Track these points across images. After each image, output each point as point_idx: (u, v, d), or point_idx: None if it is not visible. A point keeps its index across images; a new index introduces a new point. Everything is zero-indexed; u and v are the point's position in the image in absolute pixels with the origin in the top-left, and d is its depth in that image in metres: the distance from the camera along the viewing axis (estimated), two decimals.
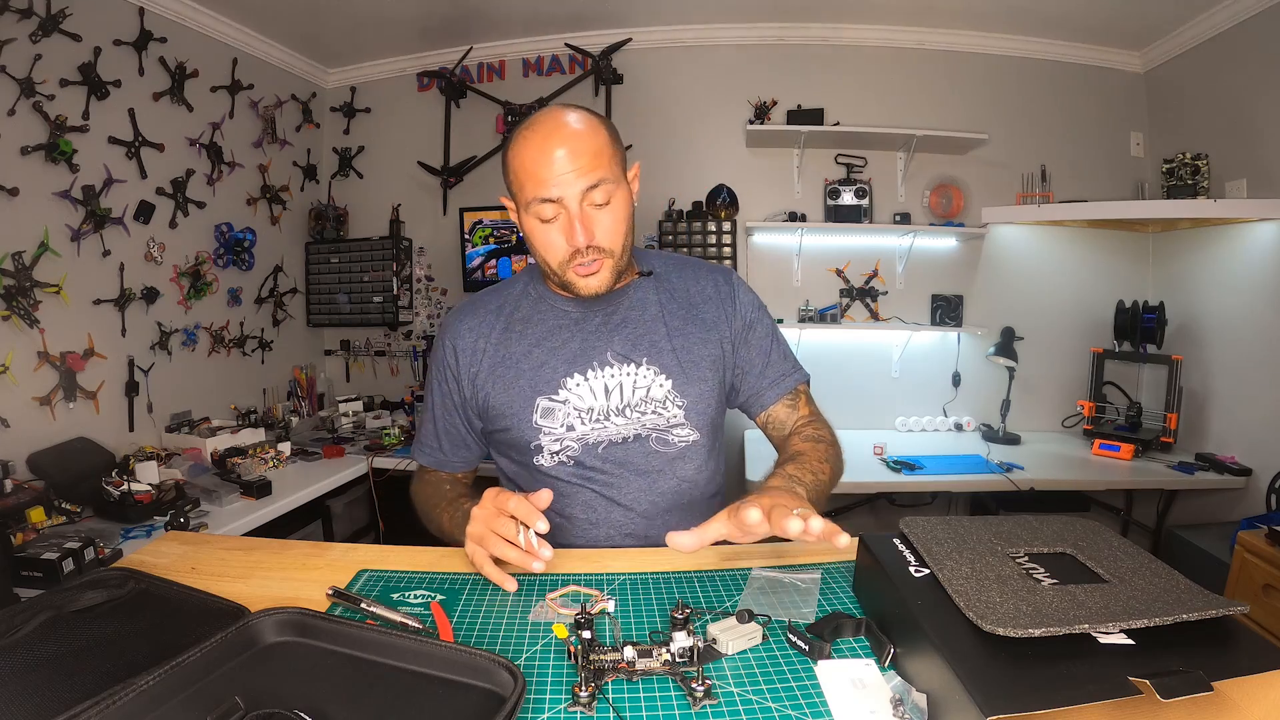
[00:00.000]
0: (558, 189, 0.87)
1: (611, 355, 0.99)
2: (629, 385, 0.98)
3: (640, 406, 0.98)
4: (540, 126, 0.90)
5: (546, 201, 0.88)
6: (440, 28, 2.82)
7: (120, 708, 0.51)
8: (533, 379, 0.98)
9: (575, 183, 0.87)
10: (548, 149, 0.87)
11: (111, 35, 2.15)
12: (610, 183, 0.90)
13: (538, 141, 0.89)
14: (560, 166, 0.87)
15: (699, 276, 1.07)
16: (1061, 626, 0.52)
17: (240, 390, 2.75)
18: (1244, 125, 2.35)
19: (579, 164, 0.87)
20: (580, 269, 0.92)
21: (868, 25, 2.80)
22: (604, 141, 0.91)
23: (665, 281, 1.05)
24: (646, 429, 0.98)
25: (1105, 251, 2.85)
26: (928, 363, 2.92)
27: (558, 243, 0.91)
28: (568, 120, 0.90)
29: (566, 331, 1.00)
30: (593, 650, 0.62)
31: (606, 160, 0.90)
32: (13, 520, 1.60)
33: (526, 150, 0.89)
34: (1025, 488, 2.22)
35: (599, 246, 0.91)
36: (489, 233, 3.00)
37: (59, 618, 0.67)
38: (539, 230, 0.92)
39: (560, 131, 0.88)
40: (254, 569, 0.83)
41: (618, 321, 1.01)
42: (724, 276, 1.08)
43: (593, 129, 0.90)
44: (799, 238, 2.85)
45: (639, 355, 0.99)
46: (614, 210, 0.91)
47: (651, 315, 1.02)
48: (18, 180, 1.86)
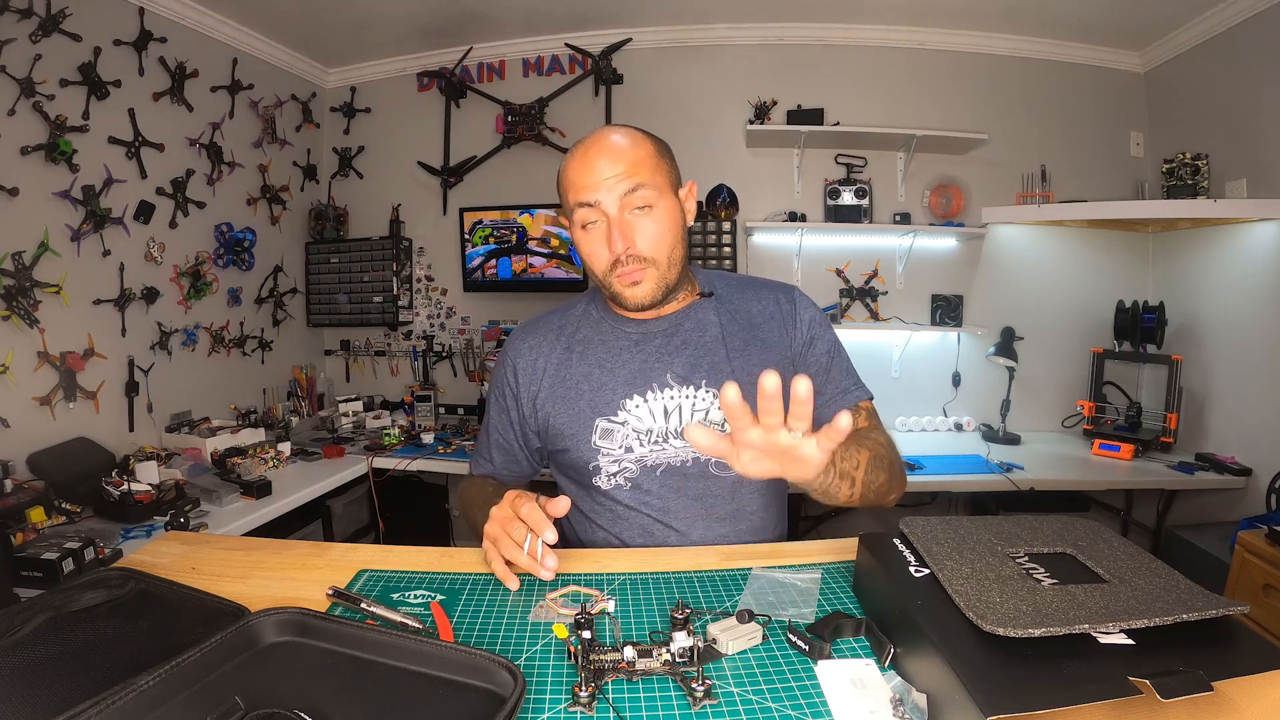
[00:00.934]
0: (595, 193, 0.90)
1: (671, 377, 0.98)
2: (688, 408, 0.97)
3: None
4: (586, 140, 0.95)
5: (585, 206, 0.91)
6: (440, 28, 2.82)
7: (120, 708, 0.51)
8: (592, 400, 0.99)
9: (614, 187, 0.90)
10: (589, 157, 0.92)
11: (111, 35, 2.15)
12: (650, 190, 0.91)
13: (582, 152, 0.93)
14: (600, 172, 0.90)
15: (760, 296, 1.06)
16: (1061, 626, 0.52)
17: (240, 390, 2.76)
18: (1244, 125, 2.35)
19: (618, 169, 0.90)
20: (622, 278, 0.93)
21: (868, 25, 2.80)
22: (646, 152, 0.93)
23: (727, 302, 1.05)
24: (706, 453, 0.97)
25: (1105, 251, 2.85)
26: (928, 363, 2.92)
27: (600, 251, 0.93)
28: (612, 133, 0.95)
29: (627, 353, 1.00)
30: (593, 650, 0.62)
31: (648, 169, 0.92)
32: (13, 520, 1.60)
33: (572, 162, 0.94)
34: (1025, 488, 2.22)
35: (639, 255, 0.91)
36: (489, 233, 3.00)
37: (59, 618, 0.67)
38: (583, 239, 0.94)
39: (603, 143, 0.93)
40: (254, 569, 0.83)
41: (678, 344, 1.00)
42: (785, 294, 1.07)
43: (635, 141, 0.94)
44: (799, 238, 2.85)
45: (699, 378, 0.98)
46: (657, 219, 0.92)
47: (712, 337, 1.01)
48: (18, 180, 1.86)
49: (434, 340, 3.19)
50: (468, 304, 3.16)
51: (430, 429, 2.81)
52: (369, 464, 2.48)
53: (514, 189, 3.02)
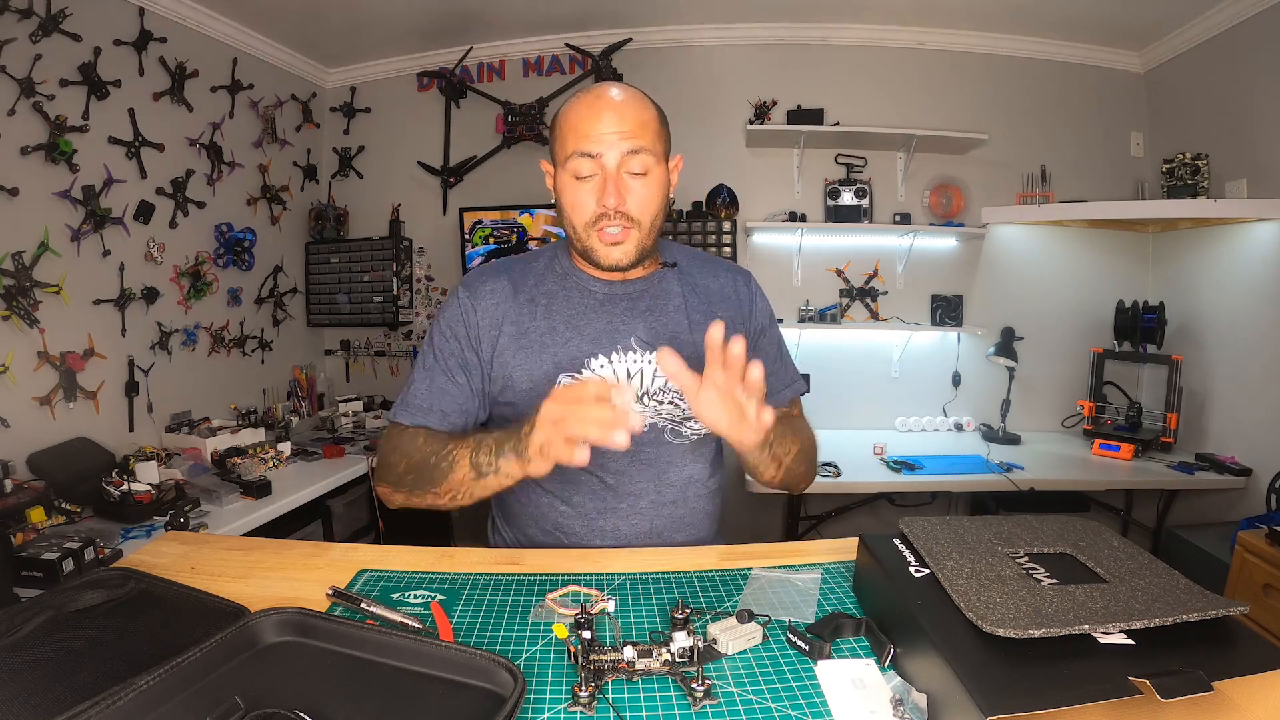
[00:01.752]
0: (598, 145, 0.88)
1: (635, 341, 0.98)
2: (649, 373, 0.98)
3: (658, 395, 0.98)
4: (595, 89, 0.93)
5: (585, 156, 0.89)
6: (440, 28, 2.82)
7: (120, 708, 0.51)
8: (556, 355, 0.96)
9: (617, 144, 0.88)
10: (597, 107, 0.90)
11: (111, 35, 2.15)
12: (650, 155, 0.91)
13: (589, 100, 0.91)
14: (605, 125, 0.88)
15: (719, 274, 1.08)
16: (1061, 627, 0.52)
17: (240, 390, 2.75)
18: (1244, 125, 2.35)
19: (624, 127, 0.89)
20: (605, 234, 0.91)
21: (868, 25, 2.80)
22: (652, 116, 0.93)
23: (687, 275, 1.06)
24: (663, 419, 0.99)
25: (1105, 251, 2.85)
26: (928, 363, 2.92)
27: (587, 203, 0.91)
28: (621, 90, 0.93)
29: (592, 311, 0.99)
30: (593, 650, 0.62)
31: (651, 134, 0.91)
32: (13, 520, 1.60)
33: (576, 108, 0.91)
34: (1025, 488, 2.22)
35: (628, 214, 0.91)
36: (489, 233, 3.00)
37: (59, 618, 0.67)
38: (570, 188, 0.92)
39: (611, 97, 0.91)
40: (254, 569, 0.83)
41: (643, 308, 1.00)
42: (744, 279, 1.10)
43: (643, 103, 0.93)
44: (799, 238, 2.85)
45: (661, 343, 0.96)
46: (649, 184, 0.92)
47: (675, 306, 1.02)
48: (18, 180, 1.86)
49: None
50: None
51: None
52: (369, 464, 2.48)
53: (514, 189, 3.02)
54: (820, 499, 2.72)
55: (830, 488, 2.27)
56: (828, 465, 2.30)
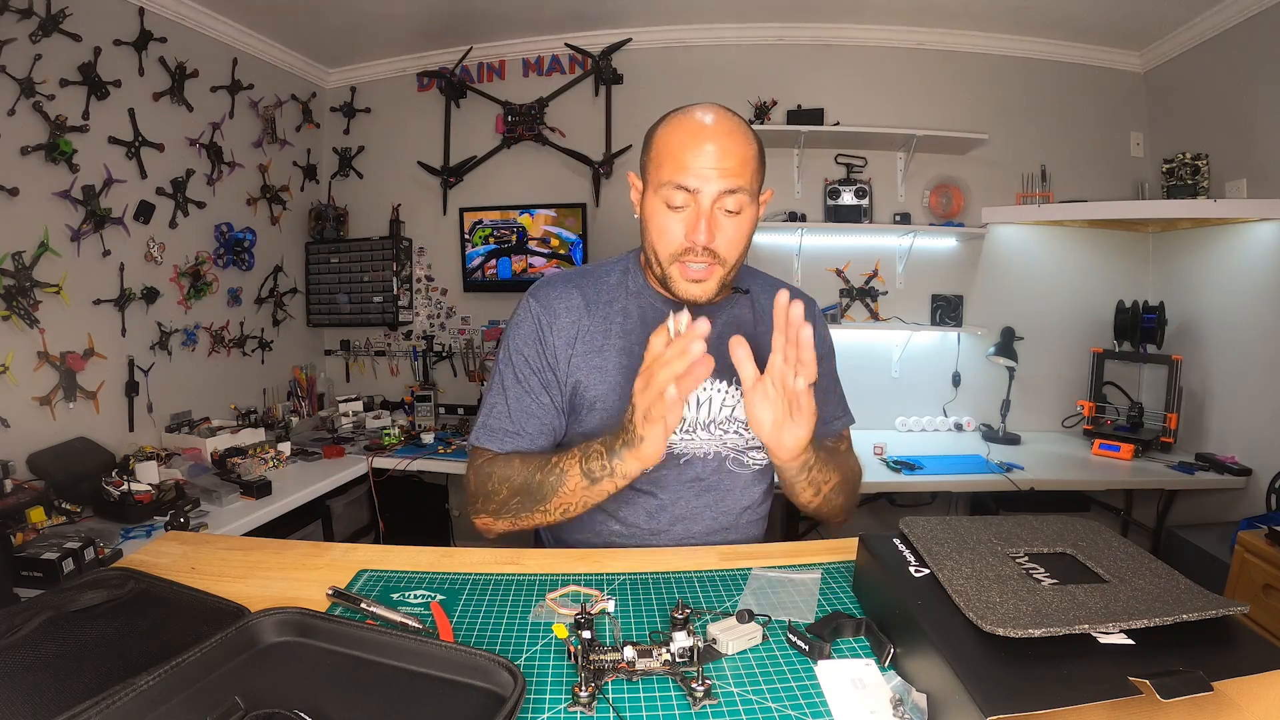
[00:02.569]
0: (696, 180, 0.85)
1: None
2: (718, 401, 0.97)
3: (724, 425, 0.97)
4: (699, 116, 0.89)
5: (680, 189, 0.86)
6: (440, 28, 2.82)
7: (120, 708, 0.51)
8: (630, 373, 0.92)
9: (716, 181, 0.85)
10: (700, 139, 0.86)
11: (111, 35, 2.15)
12: (746, 194, 0.88)
13: (693, 128, 0.87)
14: (707, 159, 0.85)
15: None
16: (1061, 626, 0.52)
17: (240, 390, 2.75)
18: (1244, 125, 2.35)
19: (726, 164, 0.85)
20: (689, 270, 0.89)
21: (868, 25, 2.80)
22: (754, 154, 0.90)
23: (758, 302, 1.04)
24: (727, 448, 0.98)
25: (1105, 251, 2.85)
26: (928, 363, 2.92)
27: (675, 233, 0.88)
28: (729, 118, 0.89)
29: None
30: (593, 650, 0.62)
31: (750, 173, 0.88)
32: (13, 520, 1.60)
33: (679, 132, 0.88)
34: (1025, 488, 2.22)
35: (715, 252, 0.88)
36: (489, 233, 3.00)
37: (59, 618, 0.67)
38: (661, 215, 0.89)
39: (719, 126, 0.87)
40: (254, 569, 0.83)
41: (713, 336, 0.98)
42: (809, 306, 1.06)
43: (748, 138, 0.89)
44: (799, 238, 2.85)
45: (730, 372, 0.96)
46: (740, 223, 0.89)
47: (745, 334, 0.99)
48: (18, 180, 1.86)
49: (434, 340, 3.19)
50: (468, 304, 3.16)
51: (430, 429, 2.81)
52: (369, 464, 2.48)
53: (514, 189, 3.02)
54: None
55: None
56: None
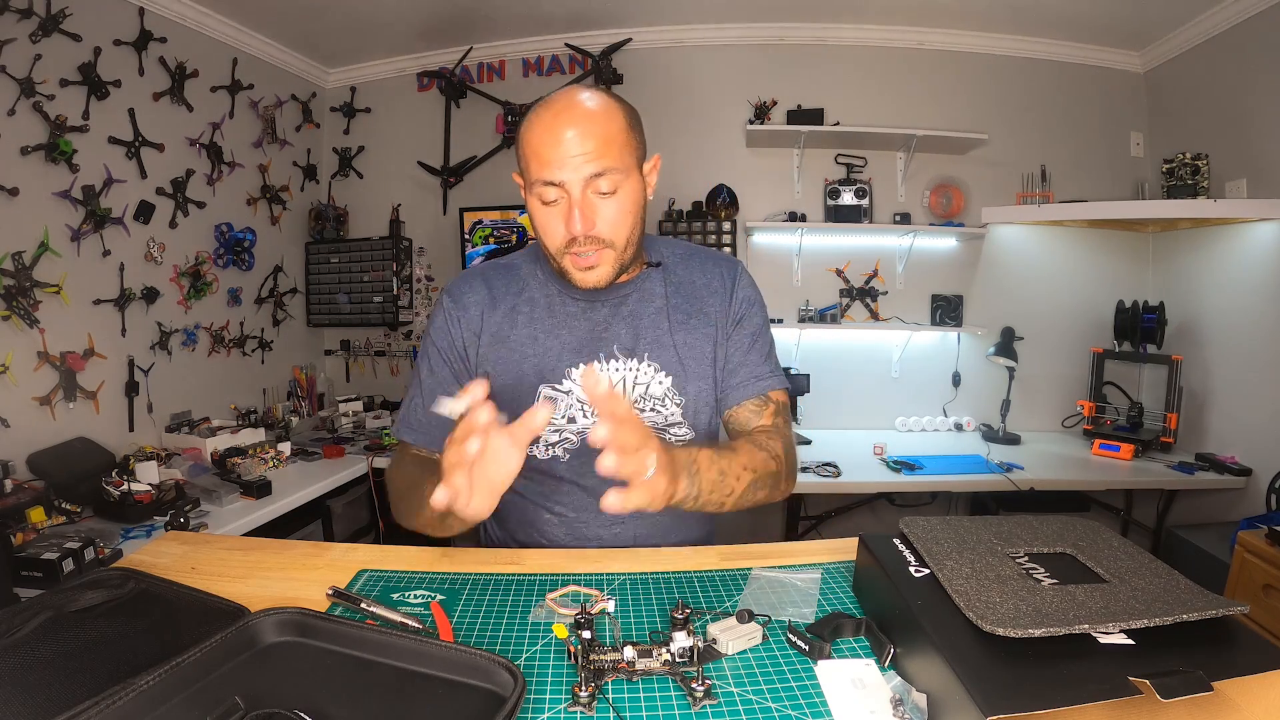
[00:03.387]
0: (560, 172, 0.83)
1: (617, 348, 0.96)
2: (630, 381, 0.96)
3: (640, 404, 0.97)
4: (554, 105, 0.86)
5: (549, 184, 0.85)
6: (440, 28, 2.82)
7: (120, 708, 0.51)
8: (537, 365, 0.95)
9: (580, 168, 0.83)
10: (557, 129, 0.84)
11: (111, 35, 2.15)
12: (618, 172, 0.85)
13: (548, 120, 0.85)
14: (566, 149, 0.83)
15: (705, 267, 1.03)
16: (1061, 626, 0.52)
17: (240, 390, 2.75)
18: (1244, 125, 2.35)
19: (586, 148, 0.83)
20: (578, 259, 0.88)
21: (868, 25, 2.80)
22: (618, 128, 0.86)
23: (672, 273, 1.02)
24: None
25: (1105, 251, 2.85)
26: (928, 363, 2.92)
27: (556, 228, 0.87)
28: (582, 101, 0.86)
29: (574, 319, 0.97)
30: (593, 650, 0.62)
31: (617, 149, 0.85)
32: (13, 520, 1.60)
33: (536, 128, 0.86)
34: (1025, 488, 2.22)
35: (598, 237, 0.87)
36: (489, 233, 3.00)
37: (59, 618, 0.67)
38: (540, 212, 0.89)
39: (572, 112, 0.85)
40: (254, 569, 0.83)
41: (625, 314, 0.98)
42: (729, 268, 1.04)
43: (607, 114, 0.86)
44: (799, 238, 2.85)
45: (641, 350, 0.97)
46: (620, 201, 0.87)
47: (656, 309, 0.99)
48: (18, 180, 1.86)
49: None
50: None
51: None
52: (369, 464, 2.48)
53: (514, 189, 2.99)
54: (820, 499, 2.72)
55: (830, 488, 2.27)
56: (828, 465, 2.30)
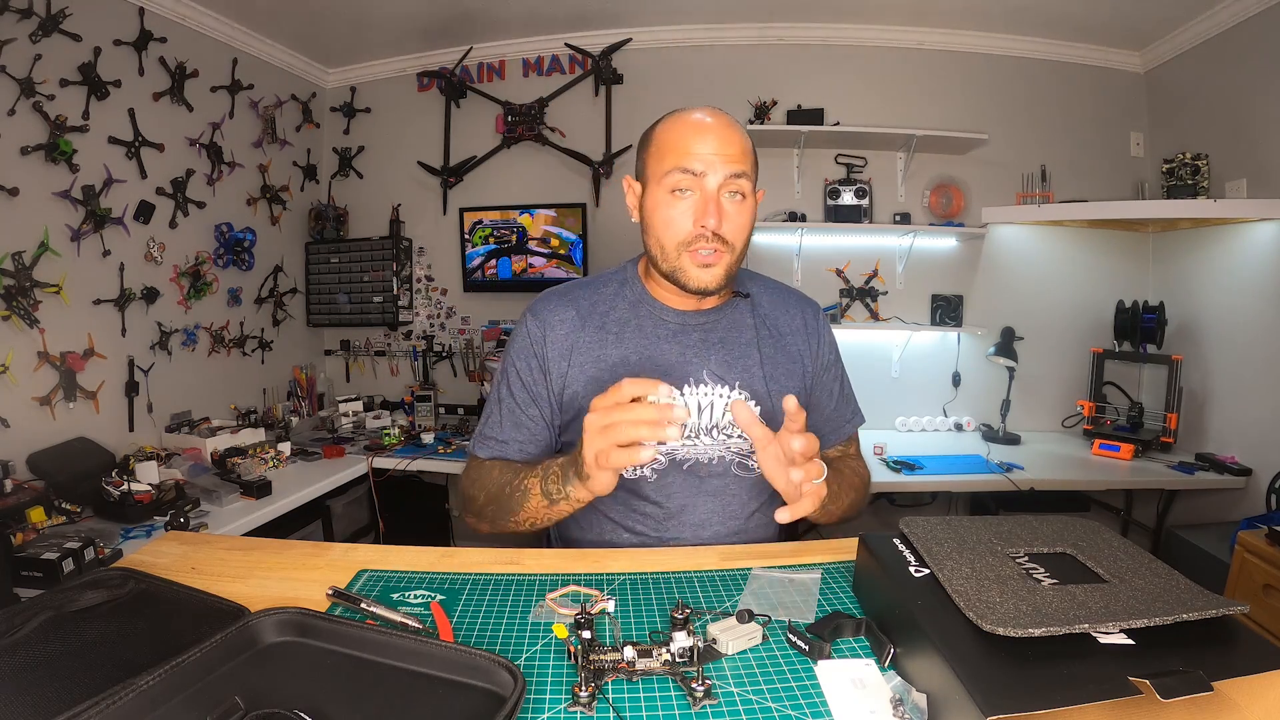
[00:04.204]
0: (703, 164, 0.88)
1: (708, 374, 0.97)
2: (719, 406, 0.96)
3: (729, 429, 0.97)
4: (699, 110, 0.93)
5: (687, 172, 0.88)
6: (440, 28, 2.82)
7: (120, 708, 0.51)
8: None
9: (721, 166, 0.88)
10: (703, 128, 0.90)
11: (111, 35, 2.15)
12: (748, 181, 0.91)
13: (693, 121, 0.91)
14: (710, 145, 0.88)
15: (789, 306, 1.08)
16: (1061, 626, 0.52)
17: (240, 390, 2.75)
18: (1244, 125, 2.34)
19: (729, 151, 0.89)
20: (699, 255, 0.90)
21: (868, 25, 2.80)
22: (751, 146, 0.94)
23: (759, 306, 1.05)
24: (732, 453, 0.98)
25: (1105, 251, 2.85)
26: (928, 363, 2.92)
27: (683, 220, 0.90)
28: (725, 115, 0.93)
29: (665, 342, 0.98)
30: (593, 650, 0.62)
31: (751, 161, 0.92)
32: (13, 520, 1.60)
33: (679, 125, 0.91)
34: (1025, 488, 2.22)
35: (724, 237, 0.90)
36: (489, 233, 3.00)
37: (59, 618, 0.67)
38: (666, 204, 0.90)
39: (717, 120, 0.91)
40: (254, 569, 0.83)
41: (715, 340, 0.99)
42: (813, 312, 1.10)
43: (743, 132, 0.94)
44: (799, 238, 2.85)
45: (733, 377, 0.98)
46: (745, 209, 0.92)
47: (747, 339, 1.01)
48: (18, 180, 1.86)
49: (434, 340, 3.19)
50: (468, 304, 3.16)
51: (430, 429, 2.81)
52: (369, 464, 2.48)
53: (514, 189, 3.02)
54: None
55: None
56: None
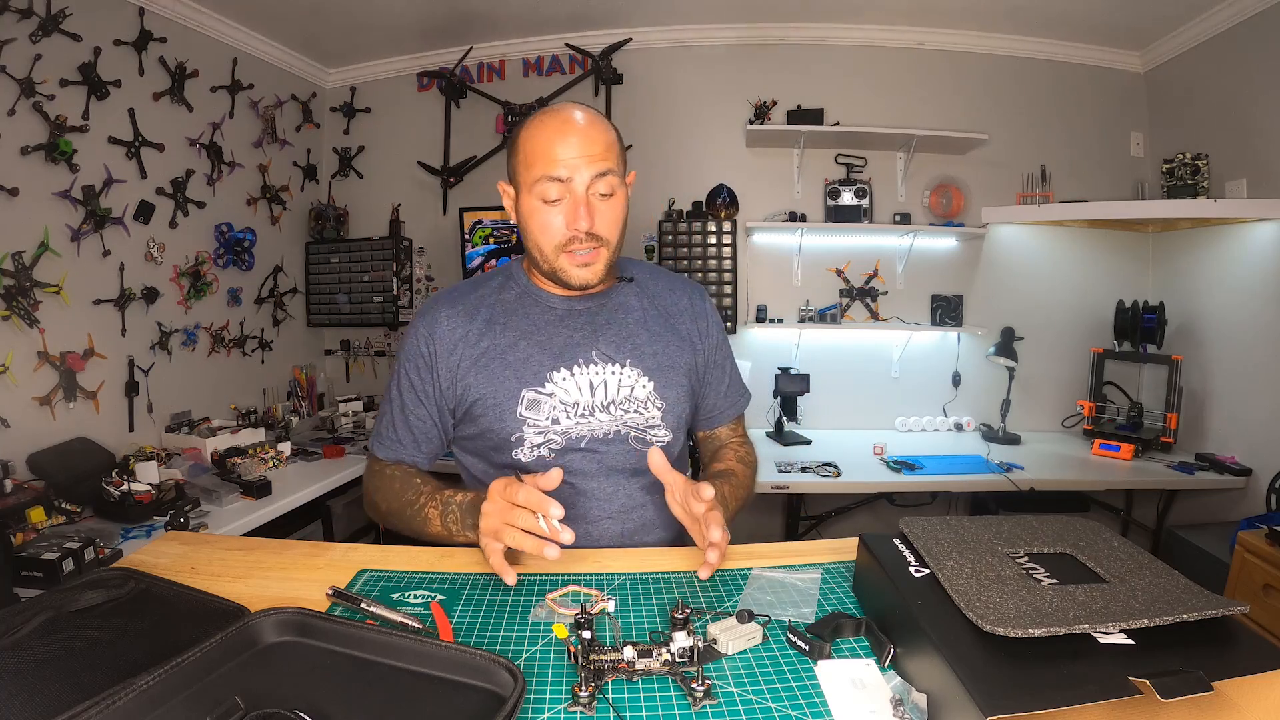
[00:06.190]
0: (568, 170, 0.90)
1: (597, 354, 1.01)
2: (614, 383, 1.00)
3: (624, 405, 1.00)
4: (557, 114, 0.94)
5: (554, 181, 0.91)
6: (440, 28, 2.82)
7: (120, 708, 0.51)
8: (519, 371, 0.98)
9: (586, 168, 0.91)
10: (565, 132, 0.92)
11: (111, 35, 2.15)
12: (615, 176, 0.93)
13: (555, 125, 0.92)
14: (574, 150, 0.90)
15: (674, 288, 1.12)
16: (1061, 626, 0.52)
17: (240, 390, 2.75)
18: (1244, 125, 2.35)
19: (592, 151, 0.91)
20: (574, 256, 0.94)
21: (868, 25, 2.80)
22: (614, 139, 0.96)
23: (644, 288, 1.10)
24: (627, 426, 1.01)
25: (1105, 251, 2.85)
26: (928, 363, 2.92)
27: (557, 225, 0.93)
28: (583, 114, 0.95)
29: (552, 327, 1.02)
30: (593, 650, 0.62)
31: (615, 155, 0.94)
32: (13, 520, 1.60)
33: (541, 132, 0.93)
34: (1025, 488, 2.22)
35: (598, 235, 0.94)
36: (489, 233, 3.00)
37: (59, 618, 0.67)
38: (539, 212, 0.94)
39: (575, 121, 0.93)
40: (254, 569, 0.83)
41: (602, 321, 1.03)
42: (698, 293, 1.15)
43: (604, 126, 0.96)
44: (799, 238, 2.85)
45: (623, 356, 1.02)
46: (615, 205, 0.95)
47: (634, 319, 1.05)
48: (18, 180, 1.86)
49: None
50: None
51: None
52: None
53: None
54: (820, 499, 2.73)
55: (830, 488, 2.27)
56: (828, 465, 2.30)
